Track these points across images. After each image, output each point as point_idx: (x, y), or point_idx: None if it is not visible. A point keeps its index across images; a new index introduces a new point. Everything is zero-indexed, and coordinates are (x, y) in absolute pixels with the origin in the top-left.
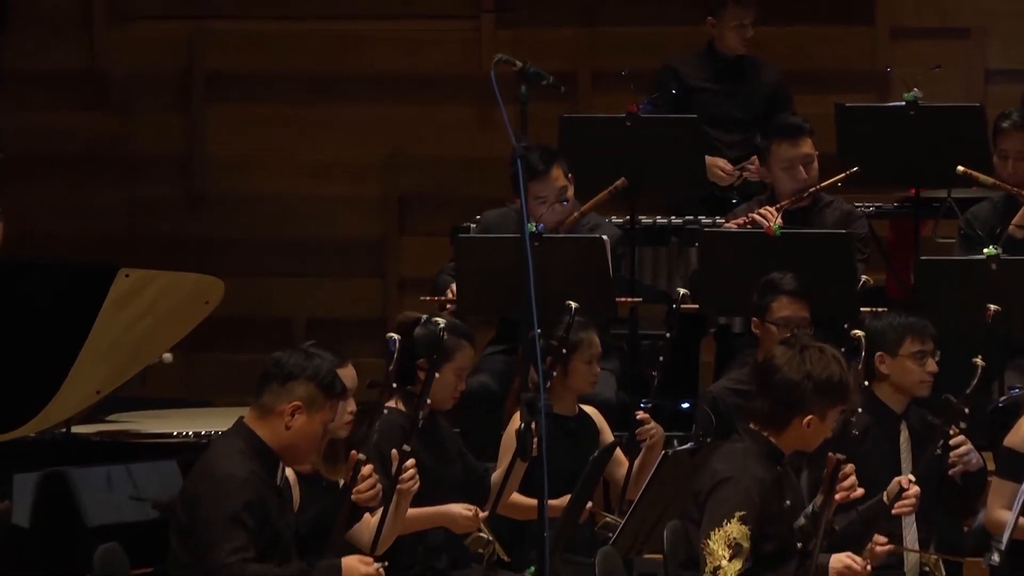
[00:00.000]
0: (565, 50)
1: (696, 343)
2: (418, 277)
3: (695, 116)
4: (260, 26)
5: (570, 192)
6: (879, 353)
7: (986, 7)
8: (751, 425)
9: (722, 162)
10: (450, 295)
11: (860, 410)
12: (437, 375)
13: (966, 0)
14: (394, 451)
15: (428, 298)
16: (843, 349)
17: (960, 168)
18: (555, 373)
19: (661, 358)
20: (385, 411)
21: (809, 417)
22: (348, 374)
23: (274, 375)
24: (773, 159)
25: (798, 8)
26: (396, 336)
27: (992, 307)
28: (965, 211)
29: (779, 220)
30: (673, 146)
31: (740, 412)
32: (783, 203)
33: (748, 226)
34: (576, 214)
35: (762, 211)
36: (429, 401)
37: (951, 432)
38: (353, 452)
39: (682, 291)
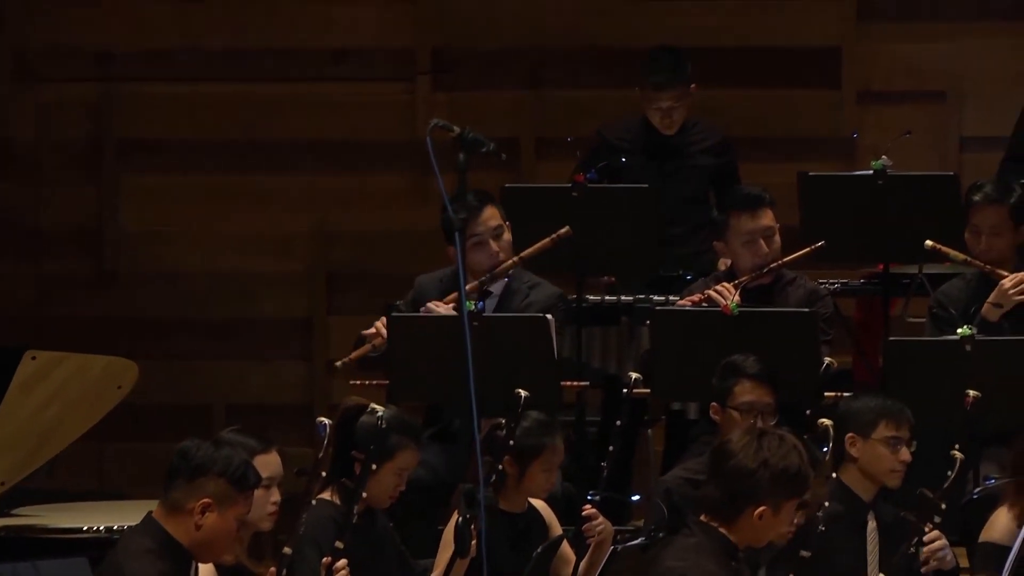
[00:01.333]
0: (507, 115)
1: (638, 430)
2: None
3: (648, 186)
4: (176, 89)
5: (507, 236)
6: (850, 435)
7: (962, 70)
8: (703, 517)
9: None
10: (374, 330)
11: (827, 504)
12: (374, 469)
13: (940, 62)
14: (326, 558)
15: (359, 382)
16: (806, 436)
17: (928, 243)
18: (501, 468)
19: (611, 447)
20: (314, 503)
21: (762, 508)
22: (272, 460)
23: (181, 470)
24: (731, 233)
25: (757, 70)
26: (327, 420)
27: (972, 393)
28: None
29: (737, 298)
30: (624, 221)
31: (694, 503)
32: (742, 279)
33: (704, 304)
34: (516, 259)
35: (719, 288)
36: (365, 495)
37: (925, 529)
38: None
39: (634, 375)
